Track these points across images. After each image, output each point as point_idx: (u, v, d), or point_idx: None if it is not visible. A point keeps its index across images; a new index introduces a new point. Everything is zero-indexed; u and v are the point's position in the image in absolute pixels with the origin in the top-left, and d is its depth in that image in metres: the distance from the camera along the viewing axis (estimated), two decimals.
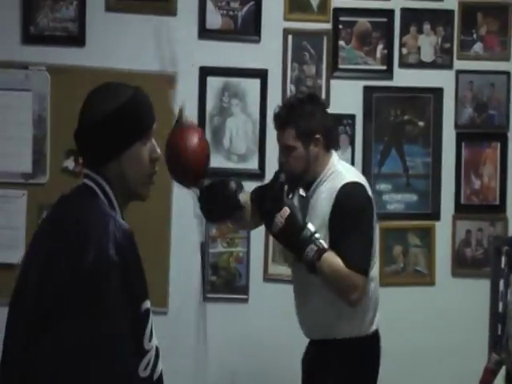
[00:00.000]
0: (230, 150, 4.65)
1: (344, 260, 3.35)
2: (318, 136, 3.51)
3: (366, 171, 4.58)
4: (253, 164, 4.64)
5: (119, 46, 4.52)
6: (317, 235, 3.35)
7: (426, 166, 4.78)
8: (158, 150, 2.19)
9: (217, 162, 4.37)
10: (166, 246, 4.54)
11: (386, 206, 4.75)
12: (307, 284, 3.54)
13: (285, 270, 4.52)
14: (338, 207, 3.41)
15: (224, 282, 4.69)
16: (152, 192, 4.31)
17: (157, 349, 2.14)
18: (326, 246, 3.36)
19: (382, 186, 4.75)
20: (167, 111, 4.38)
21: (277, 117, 3.67)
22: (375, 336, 3.60)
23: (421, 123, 4.80)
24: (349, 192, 3.43)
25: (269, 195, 3.55)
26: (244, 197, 3.64)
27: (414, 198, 4.79)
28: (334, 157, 3.58)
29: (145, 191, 2.24)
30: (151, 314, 2.10)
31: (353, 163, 4.58)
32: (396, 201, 4.79)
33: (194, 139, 3.55)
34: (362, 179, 3.58)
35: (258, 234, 4.47)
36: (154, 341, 2.10)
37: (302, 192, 3.63)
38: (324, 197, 3.48)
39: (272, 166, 4.41)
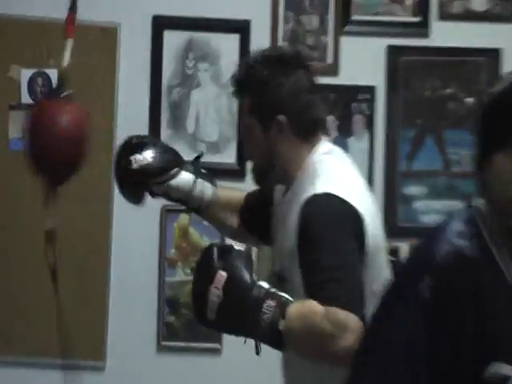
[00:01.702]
0: (195, 136, 3.86)
1: (317, 295, 2.39)
2: (281, 118, 2.59)
3: (389, 167, 3.82)
4: (228, 156, 3.84)
5: None
6: (272, 291, 2.41)
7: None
8: None
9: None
10: (104, 277, 3.76)
11: (419, 217, 3.87)
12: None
13: None
14: (302, 225, 2.52)
15: (185, 325, 3.89)
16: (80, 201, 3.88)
17: None
18: (289, 298, 2.42)
19: (413, 190, 3.90)
20: (108, 73, 3.72)
21: (232, 80, 2.81)
22: None
23: (469, 99, 3.86)
24: (314, 205, 2.54)
25: (196, 268, 2.63)
26: (224, 192, 2.86)
27: (458, 205, 3.77)
28: (322, 146, 2.65)
29: (507, 223, 1.76)
30: None
31: (371, 155, 3.81)
32: (434, 210, 3.90)
33: (65, 120, 2.95)
34: (342, 184, 2.59)
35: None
36: None
37: (239, 247, 2.61)
38: (290, 206, 2.63)
39: None
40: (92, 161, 3.55)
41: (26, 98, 3.71)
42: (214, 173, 3.11)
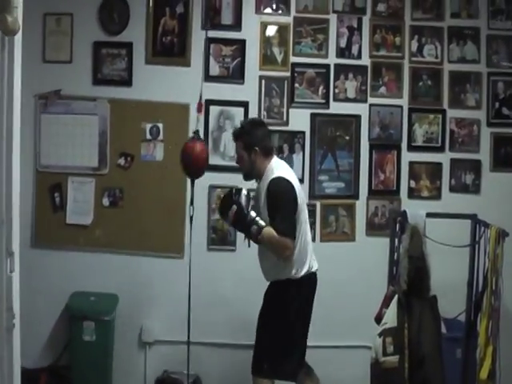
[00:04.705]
0: (224, 153, 5.71)
1: (276, 230, 4.26)
2: (256, 148, 4.47)
3: (312, 167, 5.69)
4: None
5: (153, 86, 5.70)
6: (257, 218, 4.30)
7: (350, 165, 5.81)
8: None
9: (216, 160, 5.60)
10: (182, 214, 5.66)
11: (325, 190, 5.77)
12: (260, 249, 4.60)
13: None
14: (268, 194, 4.34)
15: (220, 238, 5.79)
16: (171, 183, 5.58)
17: None
18: (263, 224, 4.30)
19: (322, 177, 5.76)
20: (183, 128, 5.67)
21: (233, 134, 4.68)
22: (299, 280, 4.47)
23: (347, 137, 5.80)
24: (274, 183, 4.37)
25: (222, 200, 4.50)
26: None
27: (342, 185, 5.82)
28: (273, 159, 4.52)
29: None
30: None
31: (303, 162, 5.72)
32: (331, 187, 5.79)
33: (198, 149, 4.77)
34: (286, 174, 4.41)
35: None
36: None
37: (244, 191, 4.39)
38: (262, 186, 4.45)
39: None
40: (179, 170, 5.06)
41: (148, 137, 5.66)
42: (231, 170, 5.27)
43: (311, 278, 4.61)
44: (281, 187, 4.39)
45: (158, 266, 5.79)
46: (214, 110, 5.77)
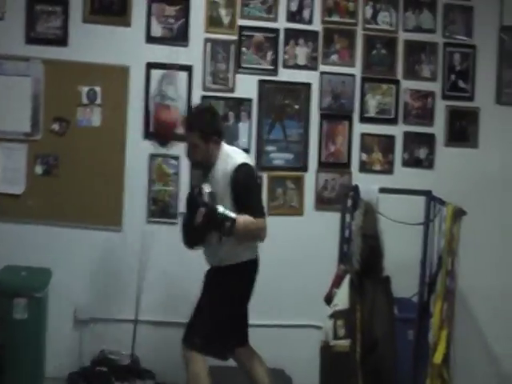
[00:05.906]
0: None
1: (253, 214, 4.28)
2: (215, 138, 4.42)
3: (259, 137, 5.68)
4: (180, 129, 5.44)
5: (91, 46, 5.49)
6: (226, 212, 4.23)
7: (299, 135, 5.76)
8: None
9: None
10: (121, 185, 5.62)
11: (272, 161, 5.75)
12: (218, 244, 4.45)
13: None
14: (237, 181, 4.34)
15: (160, 210, 5.68)
16: (109, 150, 5.48)
17: None
18: (233, 215, 4.24)
19: (270, 148, 5.75)
20: (122, 92, 5.59)
21: (186, 121, 4.58)
22: (254, 261, 4.56)
23: (296, 106, 5.77)
24: (242, 171, 4.38)
25: (188, 201, 4.44)
26: None
27: (290, 156, 5.79)
28: (223, 145, 4.50)
29: None
30: None
31: (250, 132, 5.68)
32: (279, 158, 5.76)
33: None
34: (245, 157, 4.51)
35: (185, 176, 5.44)
36: None
37: (206, 189, 4.33)
38: (222, 174, 4.38)
39: None
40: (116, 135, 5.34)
41: (84, 101, 5.48)
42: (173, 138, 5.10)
43: (257, 259, 4.66)
44: (249, 175, 4.42)
45: (95, 238, 5.62)
46: (156, 73, 5.62)
